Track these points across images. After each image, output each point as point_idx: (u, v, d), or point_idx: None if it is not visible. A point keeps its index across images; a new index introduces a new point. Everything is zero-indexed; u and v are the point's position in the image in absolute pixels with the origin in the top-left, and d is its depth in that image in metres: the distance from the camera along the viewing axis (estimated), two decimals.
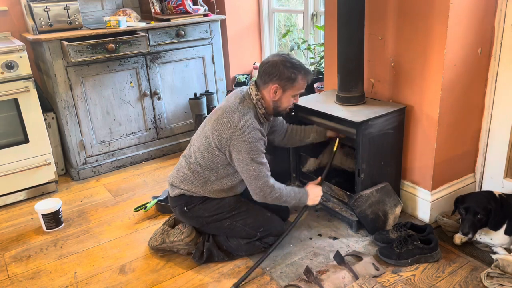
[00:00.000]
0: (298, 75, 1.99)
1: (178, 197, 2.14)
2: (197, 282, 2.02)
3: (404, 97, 2.31)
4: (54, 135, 3.13)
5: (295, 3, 4.04)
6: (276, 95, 2.01)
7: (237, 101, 2.02)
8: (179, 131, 3.53)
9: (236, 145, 1.93)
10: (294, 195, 2.09)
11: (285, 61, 1.98)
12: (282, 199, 2.05)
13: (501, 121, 2.28)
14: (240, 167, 1.97)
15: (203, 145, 2.04)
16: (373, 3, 2.31)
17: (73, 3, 3.04)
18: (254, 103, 2.03)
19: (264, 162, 1.99)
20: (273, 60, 1.99)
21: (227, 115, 1.97)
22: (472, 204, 2.04)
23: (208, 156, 2.03)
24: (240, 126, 1.93)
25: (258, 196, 2.01)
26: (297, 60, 2.02)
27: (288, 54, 2.08)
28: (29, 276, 2.13)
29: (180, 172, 2.13)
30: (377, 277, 1.96)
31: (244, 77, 3.99)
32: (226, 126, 1.95)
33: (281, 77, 1.97)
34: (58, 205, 2.50)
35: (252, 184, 1.98)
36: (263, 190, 1.99)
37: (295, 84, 2.00)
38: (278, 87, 1.99)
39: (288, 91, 2.01)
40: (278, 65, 1.97)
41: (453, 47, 2.07)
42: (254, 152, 1.94)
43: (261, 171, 1.97)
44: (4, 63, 2.61)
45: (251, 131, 1.94)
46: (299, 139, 2.39)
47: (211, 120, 2.04)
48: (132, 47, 3.00)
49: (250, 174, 1.96)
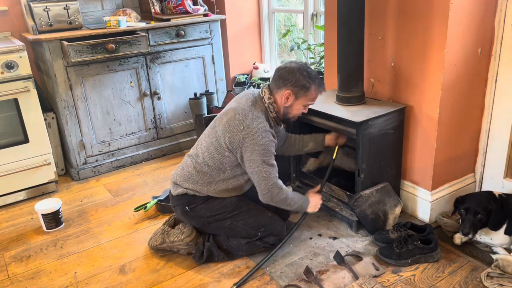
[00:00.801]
0: (312, 85, 2.00)
1: (180, 196, 2.14)
2: (197, 282, 2.02)
3: (404, 97, 2.31)
4: (54, 135, 3.13)
5: (295, 3, 4.04)
6: (288, 101, 2.02)
7: (249, 103, 2.03)
8: (179, 131, 3.53)
9: (249, 147, 1.94)
10: (297, 199, 2.13)
11: (302, 69, 2.00)
12: (287, 202, 2.08)
13: (501, 121, 2.28)
14: (251, 169, 1.99)
15: (213, 146, 2.05)
16: (373, 3, 2.31)
17: (73, 3, 3.04)
18: (266, 106, 2.04)
19: (274, 164, 2.02)
20: (290, 66, 2.01)
21: (240, 117, 1.97)
22: (472, 205, 2.04)
23: (217, 157, 2.03)
24: (253, 128, 1.94)
25: (266, 196, 2.03)
26: (313, 71, 2.05)
27: (306, 63, 2.10)
28: (29, 276, 2.13)
29: (185, 171, 2.13)
30: (377, 277, 1.96)
31: (244, 77, 3.99)
32: (239, 128, 1.95)
33: (296, 83, 1.99)
34: (58, 205, 2.50)
35: (262, 185, 2.01)
36: (272, 191, 2.01)
37: (308, 93, 2.02)
38: (291, 93, 2.00)
39: (300, 99, 2.03)
40: (294, 72, 1.99)
41: (453, 47, 2.07)
42: (266, 155, 1.96)
43: (272, 173, 2.00)
44: (4, 63, 2.61)
45: (264, 133, 1.95)
46: (297, 148, 2.40)
47: (223, 121, 2.03)
48: (132, 47, 3.00)
49: (261, 175, 1.98)
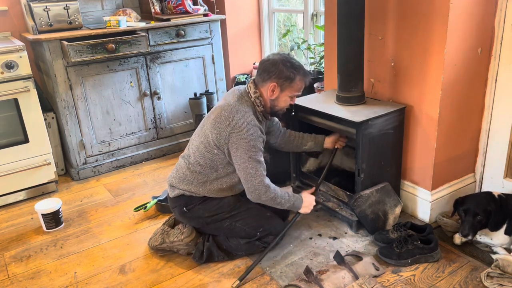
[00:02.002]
0: (296, 75, 1.99)
1: (177, 197, 2.14)
2: (197, 282, 2.02)
3: (404, 97, 2.31)
4: (54, 135, 3.13)
5: (295, 3, 4.04)
6: (274, 93, 2.01)
7: (235, 99, 2.02)
8: (179, 131, 3.53)
9: (235, 142, 1.93)
10: (288, 198, 2.08)
11: (285, 60, 1.99)
12: (277, 201, 2.04)
13: (501, 121, 2.28)
14: (238, 165, 1.97)
15: (202, 144, 2.04)
16: (373, 3, 2.31)
17: (73, 3, 3.04)
18: (252, 101, 2.03)
19: (261, 161, 1.99)
20: (273, 59, 2.00)
21: (225, 113, 1.96)
22: (472, 206, 2.03)
23: (208, 155, 2.03)
24: (239, 123, 1.93)
25: (253, 195, 2.00)
26: (297, 61, 2.03)
27: (289, 54, 2.09)
28: (29, 276, 2.13)
29: (179, 172, 2.13)
30: (377, 277, 1.96)
31: (244, 77, 3.99)
32: (225, 123, 1.95)
33: (280, 75, 1.98)
34: (58, 205, 2.50)
35: (248, 182, 1.98)
36: (258, 189, 1.98)
37: (293, 84, 2.01)
38: (276, 85, 1.99)
39: (285, 90, 2.02)
40: (277, 64, 1.98)
41: (453, 47, 2.07)
42: (253, 150, 1.94)
43: (258, 170, 1.97)
44: (4, 63, 2.61)
45: (250, 128, 1.94)
46: (296, 145, 2.39)
47: (210, 119, 2.03)
48: (132, 47, 3.00)
49: (247, 172, 1.96)
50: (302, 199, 2.15)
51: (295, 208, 2.14)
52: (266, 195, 2.00)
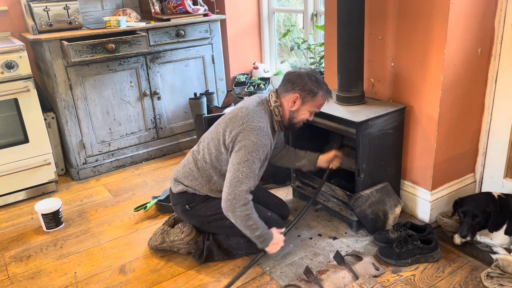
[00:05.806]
0: (320, 91, 2.00)
1: (180, 194, 2.14)
2: (197, 282, 2.02)
3: (404, 97, 2.31)
4: (54, 135, 3.13)
5: (295, 3, 4.04)
6: (295, 105, 2.02)
7: (254, 104, 2.04)
8: (179, 131, 3.53)
9: (241, 141, 1.93)
10: (261, 226, 1.97)
11: (311, 74, 2.01)
12: (249, 222, 1.92)
13: (501, 121, 2.28)
14: (231, 165, 1.93)
15: (212, 141, 2.05)
16: (373, 3, 2.31)
17: (73, 3, 3.04)
18: (271, 109, 2.04)
19: (254, 172, 1.92)
20: (299, 72, 2.02)
21: (242, 114, 1.97)
22: (471, 207, 2.03)
23: (214, 153, 2.03)
24: (251, 125, 1.93)
25: (228, 203, 1.90)
26: (322, 79, 2.05)
27: (315, 70, 2.09)
28: (29, 276, 2.13)
29: (186, 167, 2.14)
30: (377, 277, 1.96)
31: (244, 77, 3.99)
32: (238, 123, 1.95)
33: (303, 88, 1.99)
34: (58, 205, 2.50)
35: (231, 187, 1.89)
36: (237, 198, 1.88)
37: (315, 99, 2.01)
38: (298, 97, 2.00)
39: (307, 104, 2.02)
40: (303, 76, 1.99)
41: (453, 47, 2.07)
42: (253, 154, 1.91)
43: (247, 178, 1.89)
44: (4, 63, 2.61)
45: (260, 133, 1.93)
46: (290, 160, 2.38)
47: (226, 118, 2.04)
48: (132, 47, 3.00)
49: (236, 175, 1.89)
50: (273, 235, 2.03)
51: (264, 242, 2.00)
52: (242, 209, 1.89)
